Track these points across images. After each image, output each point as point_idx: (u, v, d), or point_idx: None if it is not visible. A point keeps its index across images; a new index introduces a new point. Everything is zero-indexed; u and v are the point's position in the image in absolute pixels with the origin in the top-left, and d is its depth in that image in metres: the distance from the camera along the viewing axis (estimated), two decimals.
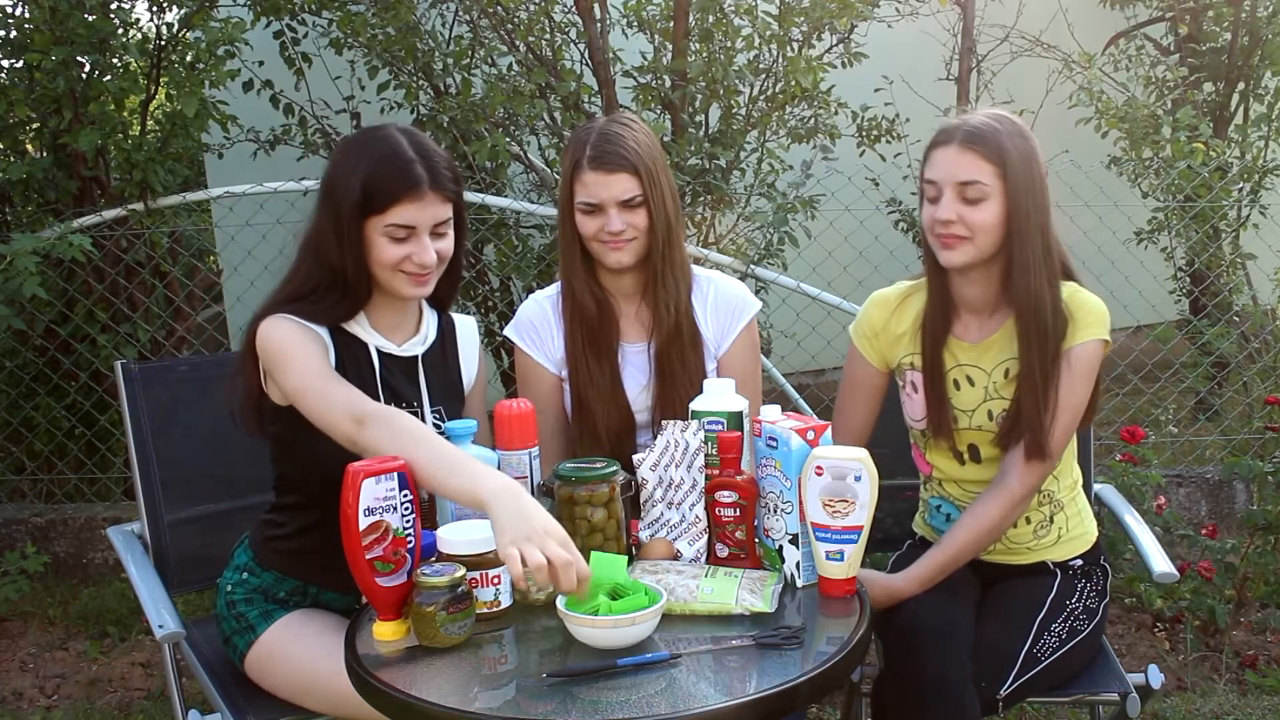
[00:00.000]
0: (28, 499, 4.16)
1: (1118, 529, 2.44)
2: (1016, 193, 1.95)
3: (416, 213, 1.87)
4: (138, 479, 2.32)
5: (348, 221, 1.87)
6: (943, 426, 2.09)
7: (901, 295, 2.17)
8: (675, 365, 2.16)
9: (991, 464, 2.09)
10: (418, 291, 1.93)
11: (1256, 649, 3.21)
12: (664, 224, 2.11)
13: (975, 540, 2.04)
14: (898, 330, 2.15)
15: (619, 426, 2.19)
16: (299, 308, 1.91)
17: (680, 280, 2.17)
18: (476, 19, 4.20)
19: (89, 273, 3.92)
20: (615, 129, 2.11)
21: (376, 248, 1.88)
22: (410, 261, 1.88)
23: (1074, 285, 2.04)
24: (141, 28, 4.14)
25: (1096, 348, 2.02)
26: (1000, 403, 2.06)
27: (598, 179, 2.08)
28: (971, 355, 2.09)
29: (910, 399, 2.15)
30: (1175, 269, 4.61)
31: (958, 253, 1.99)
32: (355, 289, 1.91)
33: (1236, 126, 4.91)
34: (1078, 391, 2.02)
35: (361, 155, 1.88)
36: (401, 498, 1.65)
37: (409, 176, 1.85)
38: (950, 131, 1.99)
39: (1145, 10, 5.41)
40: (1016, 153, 1.95)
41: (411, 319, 2.06)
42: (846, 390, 2.24)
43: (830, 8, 3.99)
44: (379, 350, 1.98)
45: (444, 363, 2.10)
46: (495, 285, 4.42)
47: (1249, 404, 4.43)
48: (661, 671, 1.53)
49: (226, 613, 2.06)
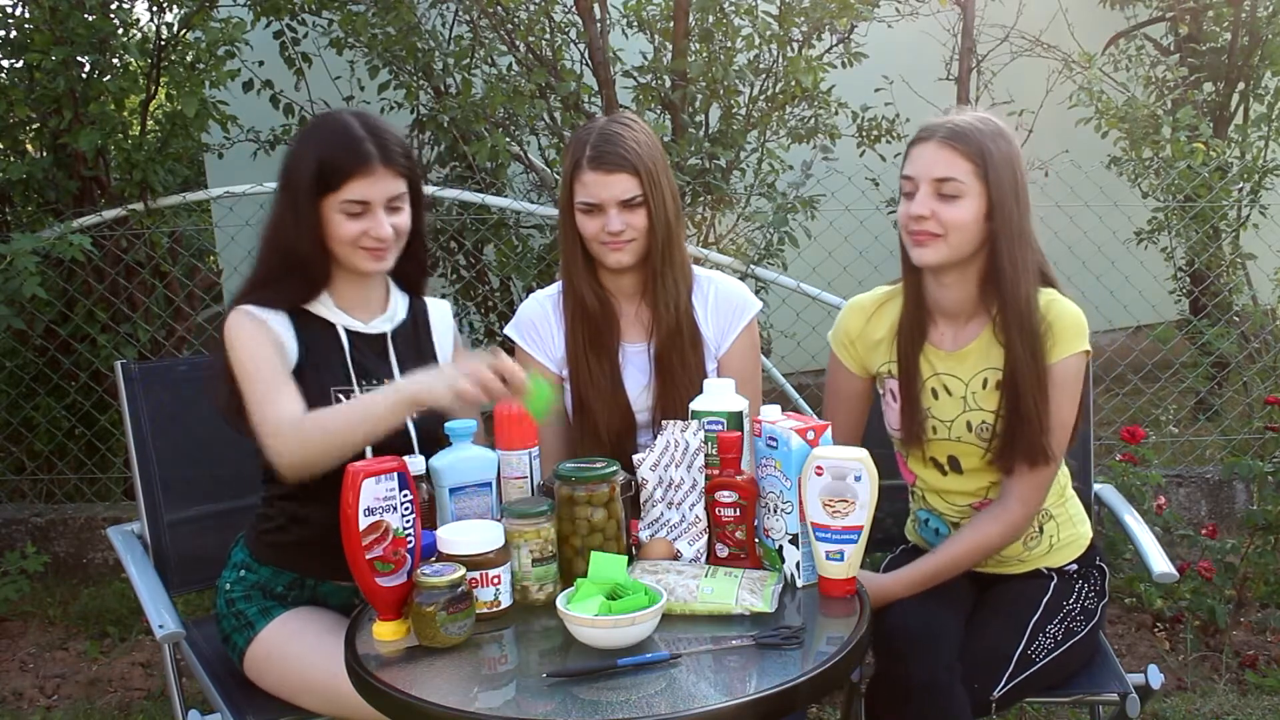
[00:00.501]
0: (28, 499, 4.16)
1: (1118, 529, 2.44)
2: (996, 192, 1.92)
3: (369, 188, 1.92)
4: (138, 479, 2.32)
5: (304, 202, 1.93)
6: (913, 435, 2.06)
7: (878, 301, 2.14)
8: (675, 365, 2.16)
9: (975, 475, 2.07)
10: (377, 266, 1.98)
11: (1256, 649, 3.21)
12: (664, 224, 2.11)
13: (971, 556, 2.04)
14: (875, 337, 2.13)
15: (619, 426, 2.19)
16: (260, 295, 1.96)
17: (680, 280, 2.17)
18: (476, 19, 4.20)
19: (89, 273, 3.92)
20: (616, 129, 2.11)
21: (334, 225, 1.94)
22: (367, 236, 1.94)
23: (1052, 293, 2.01)
24: (141, 28, 4.14)
25: (1079, 360, 2.00)
26: (980, 414, 2.03)
27: (597, 179, 2.08)
28: (949, 364, 2.06)
29: (890, 408, 2.13)
30: (1175, 269, 4.61)
31: (930, 250, 1.96)
32: (313, 267, 1.97)
33: (1236, 126, 4.91)
34: (1065, 407, 2.00)
35: (314, 138, 1.97)
36: (401, 498, 1.65)
37: (360, 154, 1.91)
38: (932, 129, 1.97)
39: (1145, 10, 5.41)
40: (998, 153, 1.93)
41: (379, 297, 2.09)
42: (829, 398, 2.22)
43: (830, 8, 3.99)
44: (347, 330, 2.02)
45: (416, 340, 2.13)
46: (495, 285, 4.42)
47: (1249, 404, 4.43)
48: (661, 671, 1.53)
49: (226, 610, 2.07)
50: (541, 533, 1.73)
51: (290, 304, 1.98)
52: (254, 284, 1.99)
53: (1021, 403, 1.96)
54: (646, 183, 2.08)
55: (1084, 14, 5.25)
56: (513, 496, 1.87)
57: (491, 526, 1.72)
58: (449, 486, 1.83)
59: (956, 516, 2.12)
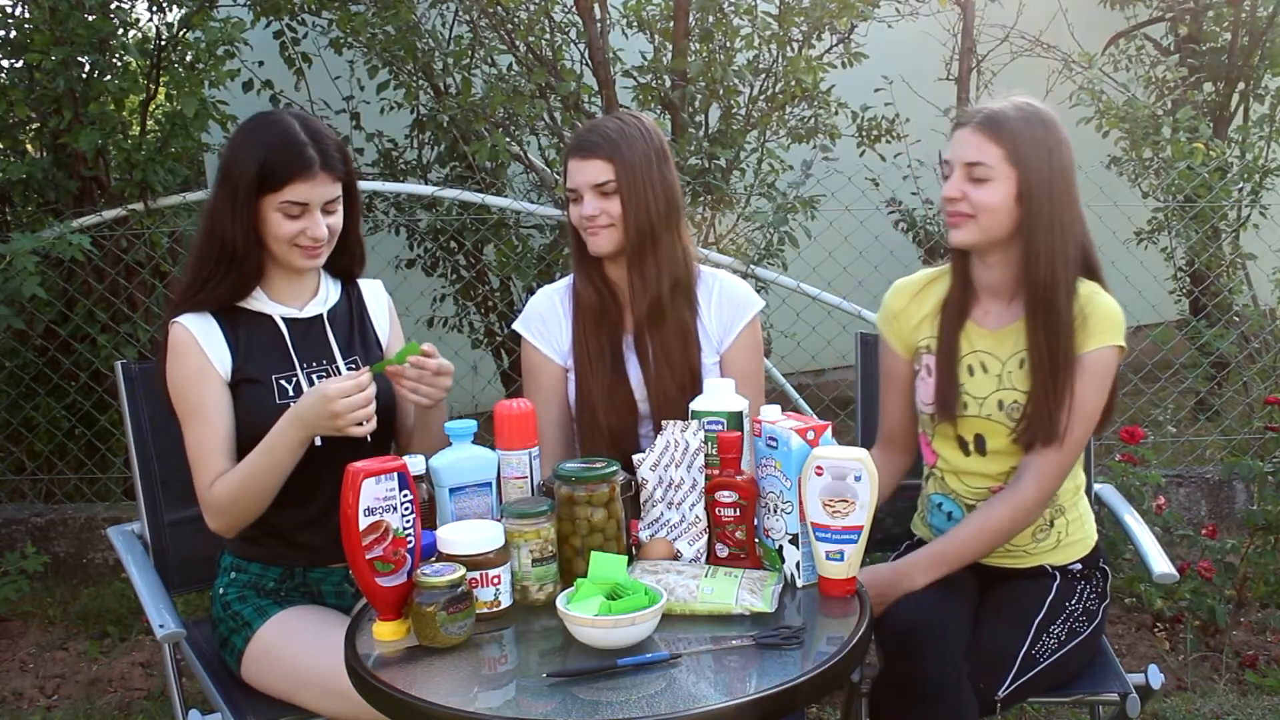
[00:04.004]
0: (28, 499, 4.16)
1: (1118, 529, 2.44)
2: (1028, 177, 1.97)
3: (309, 190, 2.00)
4: (138, 479, 2.32)
5: (243, 198, 1.99)
6: (948, 408, 2.09)
7: (923, 281, 2.20)
8: (658, 356, 2.18)
9: (997, 458, 2.09)
10: (310, 264, 2.07)
11: (1256, 649, 3.21)
12: (642, 213, 2.13)
13: (981, 537, 2.04)
14: (919, 315, 2.17)
15: (620, 415, 2.20)
16: (196, 300, 2.04)
17: (665, 271, 2.18)
18: (476, 19, 4.20)
19: (89, 273, 3.92)
20: (606, 121, 2.19)
21: (272, 223, 2.01)
22: (304, 235, 2.02)
23: (1094, 286, 2.05)
24: (141, 28, 4.14)
25: (1111, 354, 2.02)
26: (1012, 393, 2.06)
27: (575, 165, 2.16)
28: (988, 342, 2.10)
29: (924, 382, 2.16)
30: (1175, 269, 4.61)
31: (963, 231, 2.02)
32: (245, 261, 2.03)
33: (1237, 127, 4.90)
34: (1092, 398, 2.02)
35: (258, 138, 2.03)
36: (401, 498, 1.65)
37: (302, 158, 1.98)
38: (970, 114, 2.04)
39: (1145, 10, 5.41)
40: (1031, 139, 1.98)
41: (310, 284, 2.17)
42: (881, 383, 2.27)
43: (830, 8, 3.99)
44: (284, 318, 2.09)
45: (352, 320, 2.19)
46: (495, 285, 4.42)
47: (1249, 404, 4.43)
48: (661, 671, 1.53)
49: (222, 613, 2.08)
50: (541, 533, 1.73)
51: (223, 302, 2.05)
52: (190, 286, 2.06)
53: (1041, 382, 2.00)
54: (621, 170, 2.12)
55: (1084, 14, 5.26)
56: (513, 496, 1.87)
57: (491, 526, 1.72)
58: (449, 486, 1.83)
59: (973, 499, 2.12)
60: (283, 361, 2.07)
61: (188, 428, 2.03)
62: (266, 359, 2.06)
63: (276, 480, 1.97)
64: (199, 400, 2.02)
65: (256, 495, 1.97)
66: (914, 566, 2.03)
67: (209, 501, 2.00)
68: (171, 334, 2.03)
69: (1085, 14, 5.28)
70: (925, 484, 2.24)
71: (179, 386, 2.03)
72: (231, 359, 2.04)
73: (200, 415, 2.02)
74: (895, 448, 2.25)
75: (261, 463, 1.95)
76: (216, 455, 2.01)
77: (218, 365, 2.03)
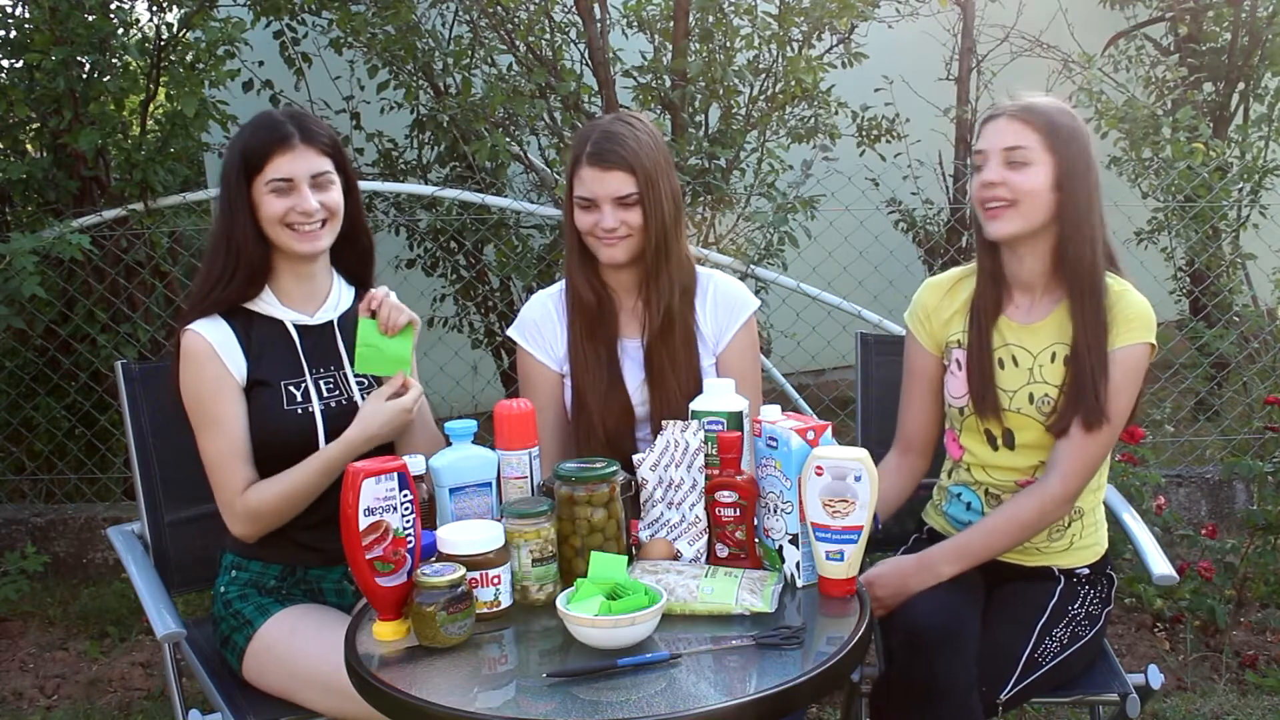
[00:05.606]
0: (28, 499, 4.16)
1: (1117, 529, 2.44)
2: (1064, 162, 1.99)
3: (291, 164, 2.00)
4: (138, 479, 2.32)
5: (235, 188, 2.02)
6: (987, 401, 2.09)
7: (954, 279, 2.20)
8: (665, 364, 2.18)
9: (1026, 452, 2.09)
10: (308, 246, 2.04)
11: (1256, 649, 3.21)
12: (659, 224, 2.12)
13: (1006, 529, 2.04)
14: (950, 310, 2.17)
15: (617, 420, 2.20)
16: (207, 303, 2.05)
17: (676, 279, 2.17)
18: (476, 19, 4.20)
19: (89, 273, 3.92)
20: (618, 127, 2.13)
21: (264, 206, 2.02)
22: (294, 212, 2.01)
23: (1125, 284, 2.06)
24: (141, 28, 4.14)
25: (1143, 351, 2.03)
26: (1044, 387, 2.06)
27: (594, 175, 2.10)
28: (1020, 336, 2.10)
29: (954, 377, 2.16)
30: (1175, 269, 4.61)
31: (1004, 221, 2.02)
32: (251, 256, 2.04)
33: (1237, 126, 4.91)
34: (1123, 395, 2.02)
35: (239, 134, 2.08)
36: (401, 498, 1.65)
37: (279, 132, 2.01)
38: (1002, 107, 2.06)
39: (1145, 10, 5.41)
40: (1065, 128, 2.00)
41: (321, 290, 2.15)
42: (906, 378, 2.26)
43: (830, 8, 3.99)
44: (295, 325, 2.09)
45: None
46: (495, 285, 4.42)
47: (1249, 404, 4.43)
48: (661, 671, 1.53)
49: (224, 613, 2.08)
50: (541, 533, 1.73)
51: (234, 303, 2.05)
52: (201, 290, 2.07)
53: (1084, 371, 2.00)
54: (643, 182, 2.09)
55: (1084, 14, 5.25)
56: (513, 496, 1.87)
57: (491, 526, 1.72)
58: (449, 486, 1.83)
59: (998, 491, 2.12)
60: (293, 368, 2.08)
61: (205, 435, 2.04)
62: (277, 364, 2.07)
63: (318, 494, 2.03)
64: (217, 409, 2.03)
65: (297, 507, 2.03)
66: (939, 558, 2.03)
67: (241, 509, 2.02)
68: (186, 342, 2.03)
69: (1085, 14, 5.28)
70: (946, 476, 2.24)
71: (196, 396, 2.03)
72: (246, 363, 2.05)
73: (219, 424, 2.02)
74: (914, 452, 2.24)
75: (318, 481, 2.02)
76: (239, 463, 2.02)
77: (234, 372, 2.03)
